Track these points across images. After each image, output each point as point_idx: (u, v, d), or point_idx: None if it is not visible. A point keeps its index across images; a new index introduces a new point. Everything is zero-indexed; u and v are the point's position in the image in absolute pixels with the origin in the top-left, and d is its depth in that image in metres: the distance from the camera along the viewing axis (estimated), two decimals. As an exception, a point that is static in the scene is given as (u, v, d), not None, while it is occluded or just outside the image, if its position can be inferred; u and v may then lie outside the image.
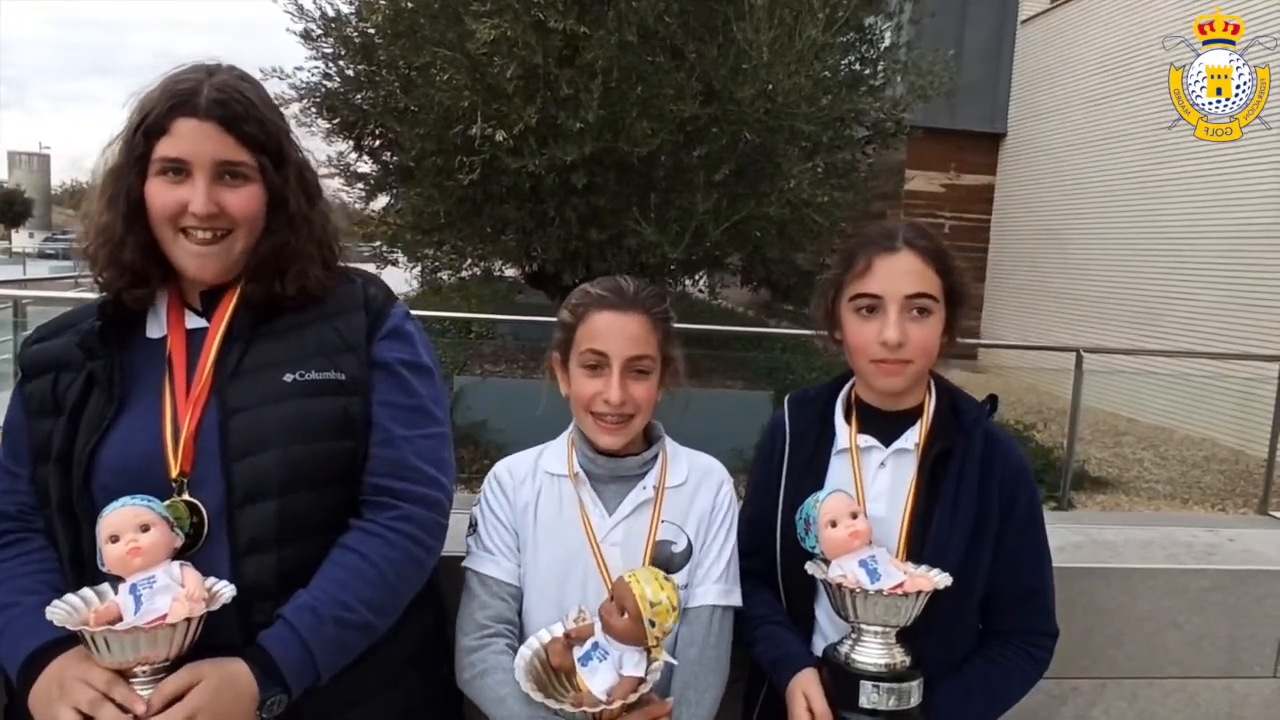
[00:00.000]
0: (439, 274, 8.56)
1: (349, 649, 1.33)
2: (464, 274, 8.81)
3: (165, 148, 1.31)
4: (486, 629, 1.52)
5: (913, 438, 1.58)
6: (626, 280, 1.57)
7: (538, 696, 1.33)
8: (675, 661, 1.50)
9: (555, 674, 1.41)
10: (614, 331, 1.50)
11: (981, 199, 15.23)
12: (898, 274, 1.51)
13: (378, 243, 7.99)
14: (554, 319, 1.59)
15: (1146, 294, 11.31)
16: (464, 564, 1.60)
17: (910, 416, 1.60)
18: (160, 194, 1.33)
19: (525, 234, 7.73)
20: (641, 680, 1.36)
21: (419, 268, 8.73)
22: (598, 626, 1.41)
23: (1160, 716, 2.09)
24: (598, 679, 1.36)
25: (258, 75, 1.48)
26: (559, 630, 1.45)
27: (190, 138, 1.31)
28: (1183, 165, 10.60)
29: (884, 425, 1.60)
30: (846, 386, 1.68)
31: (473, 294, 11.74)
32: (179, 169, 1.32)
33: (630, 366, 1.51)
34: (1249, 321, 9.73)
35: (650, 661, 1.38)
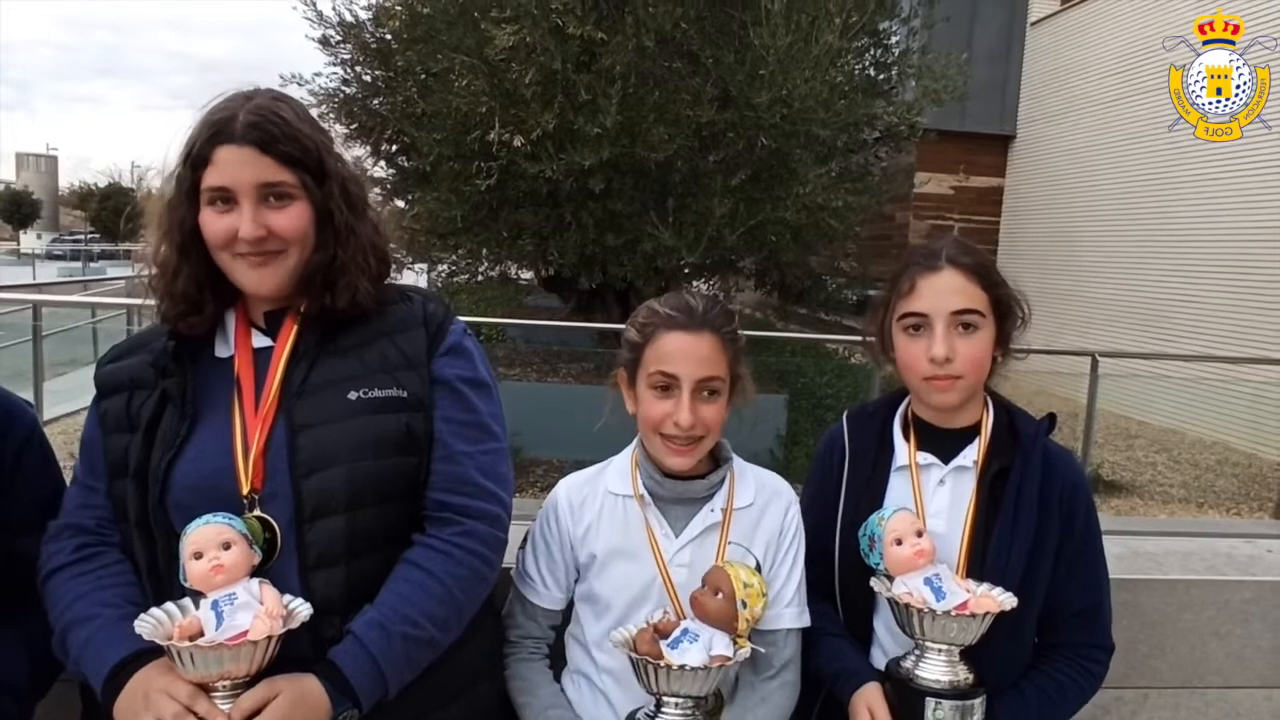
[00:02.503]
0: (455, 278, 8.59)
1: (416, 664, 1.36)
2: (479, 278, 8.85)
3: (210, 178, 1.36)
4: (514, 644, 1.65)
5: (971, 455, 1.60)
6: (695, 298, 1.56)
7: (624, 651, 1.45)
8: (763, 650, 1.54)
9: (641, 659, 1.45)
10: (684, 353, 1.49)
11: (990, 201, 15.22)
12: (941, 291, 1.54)
13: (392, 246, 8.00)
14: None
15: (1156, 296, 11.29)
16: (513, 574, 1.67)
17: (968, 434, 1.62)
18: (211, 223, 1.37)
19: (542, 239, 7.77)
20: (728, 659, 1.41)
21: (433, 272, 8.77)
22: (688, 614, 1.49)
23: (1202, 726, 2.12)
24: (688, 657, 1.42)
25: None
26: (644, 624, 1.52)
27: (231, 164, 1.35)
28: (1194, 167, 10.58)
29: (942, 442, 1.62)
30: (904, 404, 1.70)
31: (481, 297, 11.79)
32: (225, 197, 1.36)
33: (700, 388, 1.50)
34: (1260, 324, 9.71)
35: (737, 647, 1.44)
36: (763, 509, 1.61)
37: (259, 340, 1.46)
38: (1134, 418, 10.89)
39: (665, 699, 1.44)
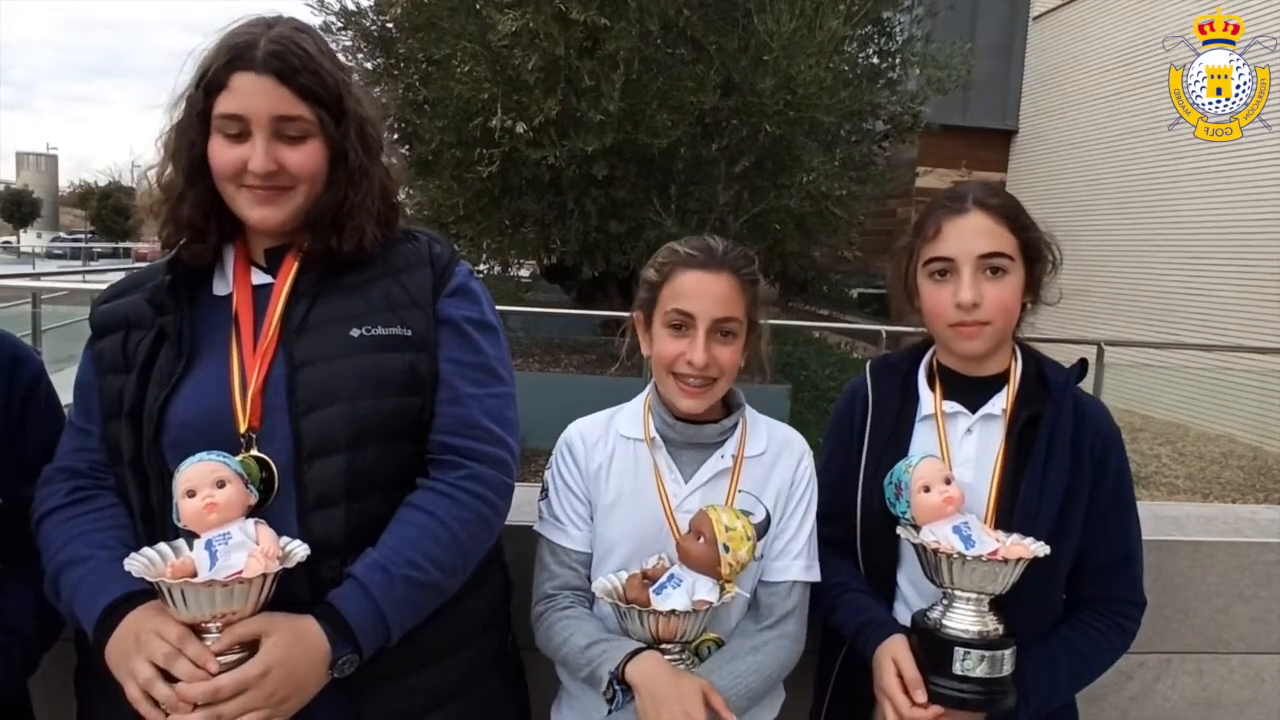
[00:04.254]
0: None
1: (419, 609, 1.31)
2: (481, 269, 8.82)
3: (224, 104, 1.30)
4: (551, 597, 1.55)
5: (1000, 403, 1.54)
6: (715, 240, 1.52)
7: (609, 601, 1.42)
8: (747, 594, 1.50)
9: (622, 605, 1.43)
10: (702, 291, 1.46)
11: (993, 196, 15.22)
12: (968, 234, 1.48)
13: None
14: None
15: (1159, 289, 11.28)
16: (535, 528, 1.60)
17: (995, 382, 1.56)
18: (221, 152, 1.31)
19: (544, 226, 7.75)
20: (711, 605, 1.38)
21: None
22: (675, 559, 1.45)
23: (1225, 691, 2.07)
24: (670, 603, 1.39)
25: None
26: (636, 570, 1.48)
27: (248, 92, 1.29)
28: (1196, 161, 10.57)
29: (969, 391, 1.57)
30: (929, 353, 1.65)
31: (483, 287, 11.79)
32: (238, 126, 1.30)
33: (716, 328, 1.46)
34: (1263, 316, 9.69)
35: (722, 593, 1.40)
36: (775, 459, 1.56)
37: (258, 277, 1.41)
38: (1138, 411, 10.86)
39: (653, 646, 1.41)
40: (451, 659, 1.43)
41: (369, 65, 8.14)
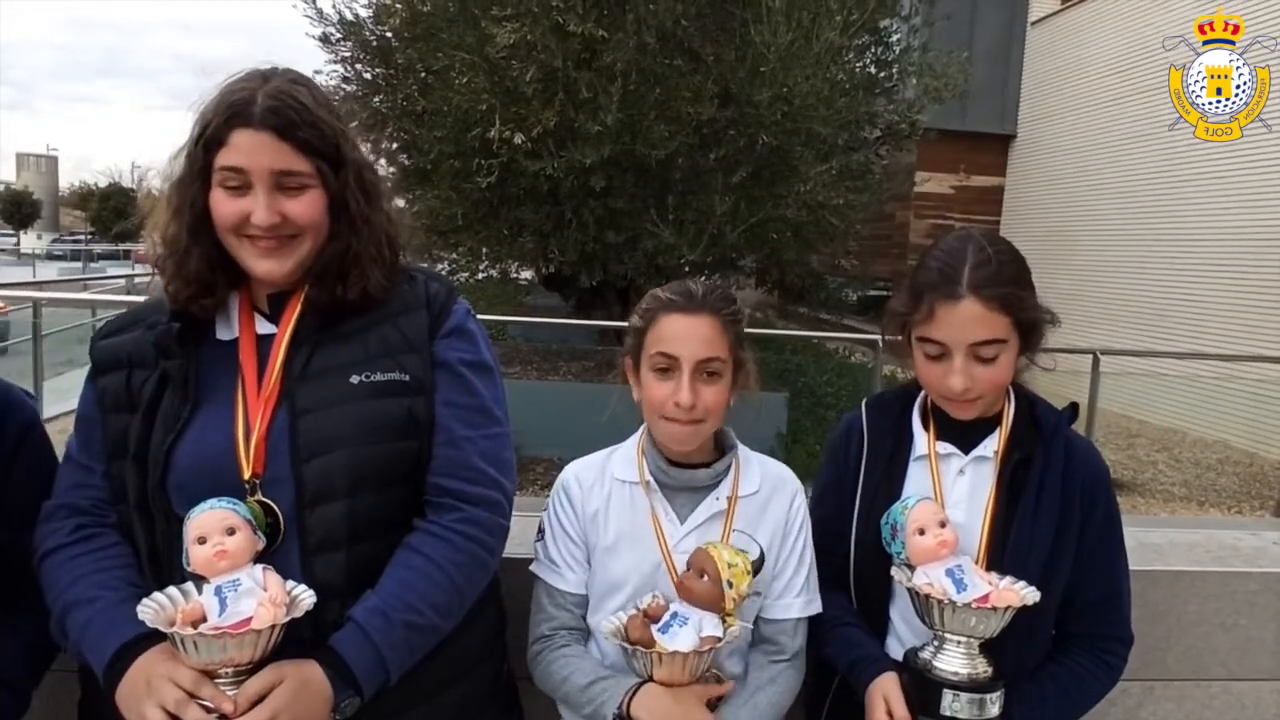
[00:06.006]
0: (455, 276, 8.61)
1: (417, 650, 1.35)
2: (480, 276, 8.86)
3: (224, 159, 1.33)
4: (548, 638, 1.59)
5: (992, 445, 1.57)
6: (696, 283, 1.56)
7: (616, 641, 1.44)
8: (751, 626, 1.54)
9: (634, 647, 1.45)
10: (683, 334, 1.49)
11: (991, 200, 15.23)
12: (961, 323, 1.45)
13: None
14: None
15: (1156, 295, 11.30)
16: (532, 569, 1.64)
17: (988, 424, 1.59)
18: (222, 204, 1.34)
19: (542, 236, 7.78)
20: (719, 640, 1.41)
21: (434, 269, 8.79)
22: (674, 598, 1.49)
23: (1206, 718, 2.10)
24: (678, 642, 1.42)
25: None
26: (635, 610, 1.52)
27: (247, 149, 1.32)
28: (1194, 167, 10.59)
29: (962, 432, 1.59)
30: (922, 393, 1.67)
31: (483, 296, 11.84)
32: (239, 180, 1.33)
33: (701, 369, 1.49)
34: (1261, 323, 9.72)
35: (726, 627, 1.44)
36: (768, 497, 1.60)
37: (263, 326, 1.44)
38: (1134, 417, 10.89)
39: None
40: (447, 694, 1.46)
41: (368, 76, 8.18)
